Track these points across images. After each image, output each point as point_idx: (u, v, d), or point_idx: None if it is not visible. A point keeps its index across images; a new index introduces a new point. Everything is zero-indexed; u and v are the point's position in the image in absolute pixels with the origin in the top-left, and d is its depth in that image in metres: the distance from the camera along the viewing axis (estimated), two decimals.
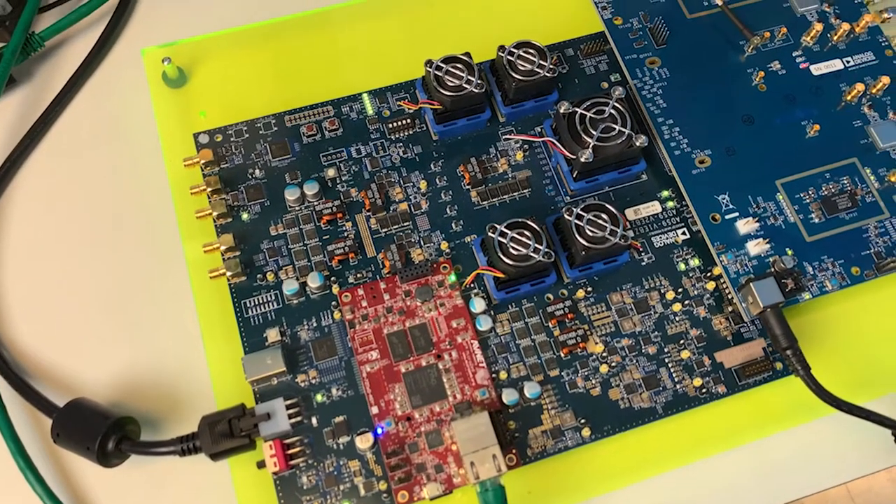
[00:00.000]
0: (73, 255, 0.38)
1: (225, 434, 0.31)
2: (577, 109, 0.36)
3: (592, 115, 0.36)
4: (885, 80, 0.39)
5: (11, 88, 0.42)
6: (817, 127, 0.38)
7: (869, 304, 0.38)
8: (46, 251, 0.38)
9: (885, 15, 0.41)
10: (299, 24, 0.43)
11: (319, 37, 0.43)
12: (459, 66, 0.37)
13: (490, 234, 0.34)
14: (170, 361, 0.36)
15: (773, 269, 0.35)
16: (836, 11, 0.42)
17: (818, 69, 0.40)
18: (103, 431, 0.32)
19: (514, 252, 0.34)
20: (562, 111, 0.37)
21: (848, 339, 0.37)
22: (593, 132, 0.36)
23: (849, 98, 0.39)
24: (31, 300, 0.37)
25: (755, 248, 0.36)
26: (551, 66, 0.38)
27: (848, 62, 0.40)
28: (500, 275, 0.34)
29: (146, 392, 0.35)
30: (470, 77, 0.37)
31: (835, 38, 0.41)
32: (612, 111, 0.37)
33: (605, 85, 0.41)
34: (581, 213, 0.35)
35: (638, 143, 0.36)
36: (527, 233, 0.34)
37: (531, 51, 0.38)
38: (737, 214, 0.37)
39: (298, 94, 0.40)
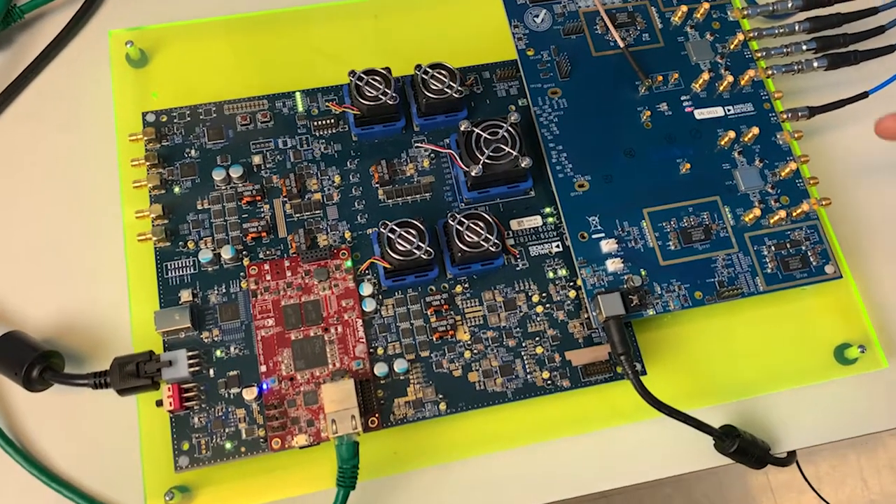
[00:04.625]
0: (27, 206, 0.44)
1: (132, 374, 0.37)
2: (474, 129, 0.42)
3: (487, 136, 0.42)
4: (755, 130, 0.44)
5: None
6: (689, 165, 0.44)
7: (709, 326, 0.43)
8: (5, 199, 0.44)
9: (769, 71, 0.46)
10: (255, 23, 0.48)
11: (269, 36, 0.48)
12: (378, 78, 0.42)
13: (381, 229, 0.40)
14: (98, 308, 0.42)
15: (625, 286, 0.41)
16: (727, 63, 0.47)
17: (701, 113, 0.45)
18: (30, 360, 0.37)
19: (400, 247, 0.39)
20: (462, 129, 0.42)
21: (688, 353, 0.43)
22: (485, 150, 0.41)
23: (722, 143, 0.44)
24: None
25: (612, 265, 0.41)
26: (459, 88, 0.43)
27: (729, 110, 0.45)
28: (388, 265, 0.40)
29: (74, 332, 0.41)
30: (386, 90, 0.42)
31: (720, 87, 0.46)
32: (506, 133, 0.42)
33: (513, 108, 0.46)
34: (463, 219, 0.40)
35: (523, 165, 0.41)
36: (413, 231, 0.40)
37: (443, 72, 0.43)
38: (603, 235, 0.42)
39: (241, 86, 0.46)
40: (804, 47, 0.47)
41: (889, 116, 0.42)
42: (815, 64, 0.46)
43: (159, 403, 0.37)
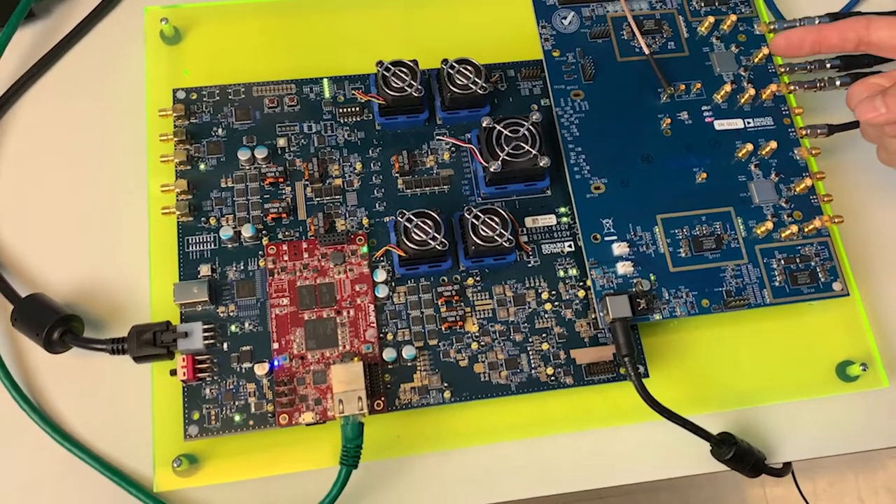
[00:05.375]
0: (58, 173, 0.45)
1: (149, 342, 0.38)
2: (496, 126, 0.42)
3: (508, 133, 0.42)
4: (773, 144, 0.45)
5: (30, 21, 0.48)
6: (705, 175, 0.44)
7: (714, 334, 0.44)
8: (36, 167, 0.45)
9: (791, 87, 0.46)
10: (287, 7, 0.49)
11: (301, 21, 0.49)
12: (405, 70, 0.43)
13: (399, 218, 0.40)
14: (120, 276, 0.43)
15: (634, 289, 0.41)
16: (750, 76, 0.47)
17: (721, 125, 0.46)
18: (51, 323, 0.39)
19: (416, 237, 0.40)
20: (484, 125, 0.43)
21: (691, 359, 0.43)
22: (505, 147, 0.42)
23: (740, 155, 0.45)
24: (18, 206, 0.44)
25: (623, 268, 0.42)
26: (484, 85, 0.43)
27: (749, 123, 0.46)
28: (403, 254, 0.41)
29: (95, 298, 0.42)
30: (412, 82, 0.43)
31: (742, 99, 0.46)
32: (526, 132, 0.43)
33: (535, 107, 0.46)
34: (479, 213, 0.41)
35: (541, 164, 0.42)
36: (429, 222, 0.41)
37: (469, 67, 0.44)
38: (615, 238, 0.43)
39: (270, 69, 0.47)
40: (828, 65, 0.47)
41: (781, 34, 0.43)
42: (838, 82, 0.46)
43: (173, 373, 0.39)
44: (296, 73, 0.46)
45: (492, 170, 0.42)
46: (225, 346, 0.40)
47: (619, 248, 0.42)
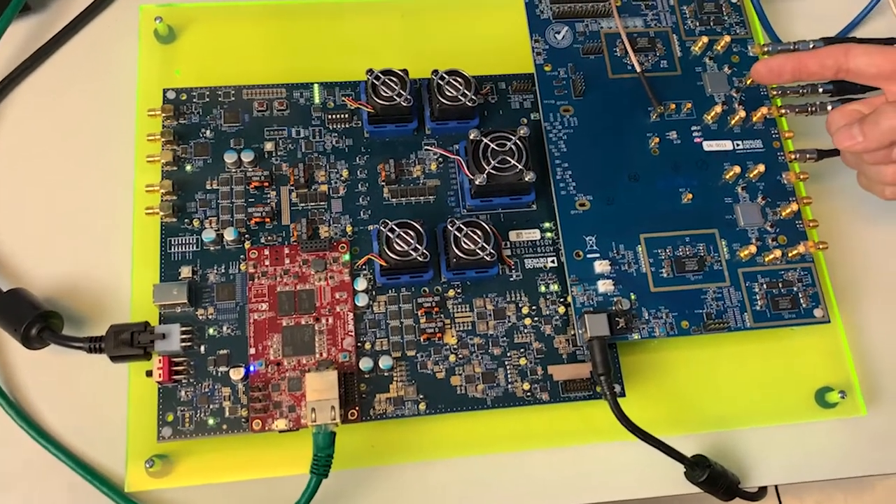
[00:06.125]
0: (46, 168, 0.45)
1: (126, 343, 0.38)
2: (483, 139, 0.42)
3: (495, 147, 0.42)
4: (761, 167, 0.44)
5: (26, 14, 0.49)
6: (691, 196, 0.44)
7: (694, 356, 0.44)
8: (25, 161, 0.45)
9: (783, 110, 0.46)
10: (282, 11, 0.49)
11: (295, 25, 0.49)
12: (395, 79, 0.43)
13: (381, 227, 0.40)
14: (102, 274, 0.43)
15: (613, 308, 0.41)
16: (741, 98, 0.47)
17: (710, 145, 0.46)
18: (30, 319, 0.39)
19: (397, 247, 0.40)
20: (471, 137, 0.43)
21: (670, 380, 0.43)
22: (491, 160, 0.42)
23: (727, 177, 0.45)
24: (3, 199, 0.44)
25: (604, 286, 0.42)
26: (473, 97, 0.43)
27: (738, 145, 0.46)
28: (384, 263, 0.41)
29: (77, 295, 0.42)
30: (401, 91, 0.43)
31: (732, 121, 0.46)
32: (513, 146, 0.43)
33: (525, 121, 0.46)
34: (462, 226, 0.41)
35: (527, 179, 0.42)
36: (412, 233, 0.41)
37: (459, 79, 0.44)
38: (598, 255, 0.43)
39: (262, 72, 0.47)
40: (820, 89, 0.47)
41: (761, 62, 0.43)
42: (829, 107, 0.46)
43: (149, 374, 0.39)
44: (288, 77, 0.46)
45: (477, 182, 0.42)
46: (202, 348, 0.40)
47: (600, 266, 0.42)
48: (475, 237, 0.41)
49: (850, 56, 0.40)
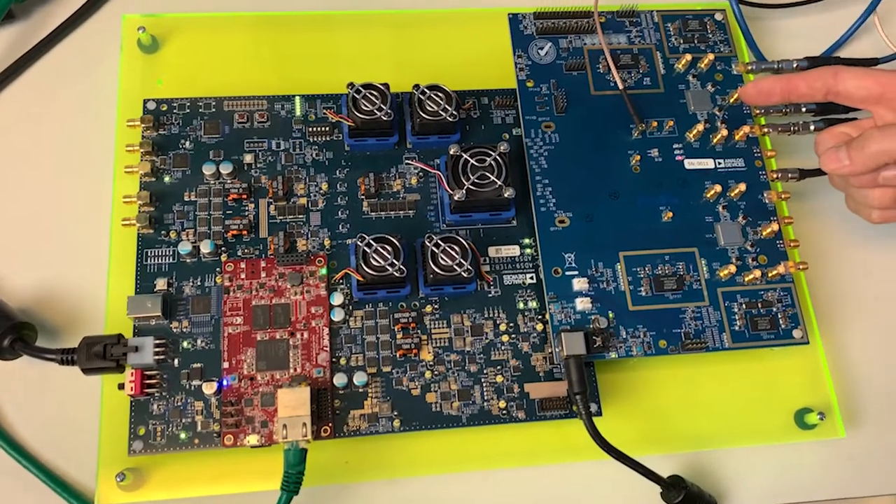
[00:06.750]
0: (22, 178, 0.45)
1: (98, 355, 0.38)
2: (462, 154, 0.42)
3: (474, 163, 0.42)
4: (742, 186, 0.44)
5: (10, 22, 0.48)
6: (671, 214, 0.44)
7: (672, 375, 0.43)
8: (3, 169, 0.45)
9: (766, 130, 0.46)
10: (266, 22, 0.49)
11: (279, 36, 0.49)
12: (376, 93, 0.43)
13: (358, 242, 0.40)
14: (77, 285, 0.43)
15: (591, 326, 0.41)
16: (724, 116, 0.47)
17: (691, 164, 0.46)
18: (2, 330, 0.38)
19: (374, 262, 0.40)
20: (451, 153, 0.42)
21: (647, 399, 0.43)
22: (471, 176, 0.42)
23: (708, 195, 0.45)
24: None
25: (581, 304, 0.42)
26: (454, 112, 0.43)
27: (720, 164, 0.46)
28: (361, 278, 0.40)
29: (52, 306, 0.42)
30: (382, 105, 0.43)
31: (714, 139, 0.46)
32: (493, 162, 0.42)
33: (506, 136, 0.46)
34: (440, 241, 0.41)
35: (506, 195, 0.42)
36: (389, 248, 0.40)
37: (440, 94, 0.44)
38: (576, 273, 0.42)
39: (245, 83, 0.47)
40: (803, 109, 0.47)
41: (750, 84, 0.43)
42: (812, 127, 0.46)
43: (121, 387, 0.38)
44: (270, 89, 0.46)
45: (456, 198, 0.42)
46: (176, 361, 0.40)
47: (579, 284, 0.42)
48: (453, 253, 0.41)
49: (839, 79, 0.40)
